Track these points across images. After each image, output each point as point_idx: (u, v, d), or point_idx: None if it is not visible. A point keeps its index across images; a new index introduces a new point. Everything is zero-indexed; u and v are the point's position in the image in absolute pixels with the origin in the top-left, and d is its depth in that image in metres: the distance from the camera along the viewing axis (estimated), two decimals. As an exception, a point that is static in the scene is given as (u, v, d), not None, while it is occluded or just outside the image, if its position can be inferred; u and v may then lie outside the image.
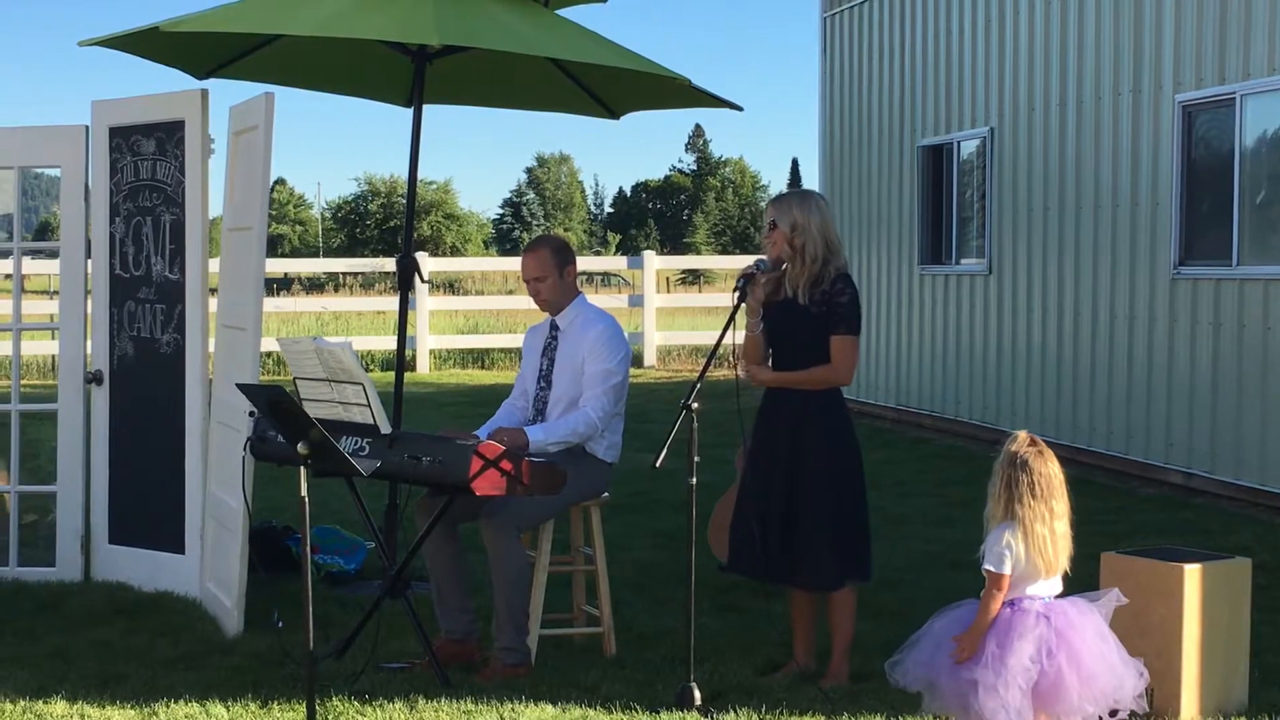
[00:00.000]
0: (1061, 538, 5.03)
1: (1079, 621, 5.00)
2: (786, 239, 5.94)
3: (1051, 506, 5.00)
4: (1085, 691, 4.93)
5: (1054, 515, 5.01)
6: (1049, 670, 4.92)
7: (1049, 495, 5.00)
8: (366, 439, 5.95)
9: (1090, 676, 4.94)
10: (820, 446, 5.93)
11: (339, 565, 7.78)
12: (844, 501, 5.94)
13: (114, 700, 5.72)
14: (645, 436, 12.17)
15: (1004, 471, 5.03)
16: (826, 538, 5.89)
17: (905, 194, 14.72)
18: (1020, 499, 4.98)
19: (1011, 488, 5.00)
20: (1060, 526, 5.03)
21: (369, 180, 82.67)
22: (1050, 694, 4.93)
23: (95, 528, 7.77)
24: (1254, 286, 9.92)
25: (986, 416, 13.14)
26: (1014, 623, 4.98)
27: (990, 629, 4.99)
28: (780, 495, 5.94)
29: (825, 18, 16.52)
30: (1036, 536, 4.97)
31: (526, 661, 6.08)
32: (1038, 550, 4.97)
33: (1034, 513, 4.97)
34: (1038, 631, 4.96)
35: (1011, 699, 4.89)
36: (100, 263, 7.71)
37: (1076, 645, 4.95)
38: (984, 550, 5.03)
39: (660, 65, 7.13)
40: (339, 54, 7.86)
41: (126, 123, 7.61)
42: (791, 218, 5.95)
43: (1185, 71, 10.57)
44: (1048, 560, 4.98)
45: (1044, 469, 5.01)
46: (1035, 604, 5.01)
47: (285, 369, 11.43)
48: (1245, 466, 9.99)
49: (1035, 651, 4.93)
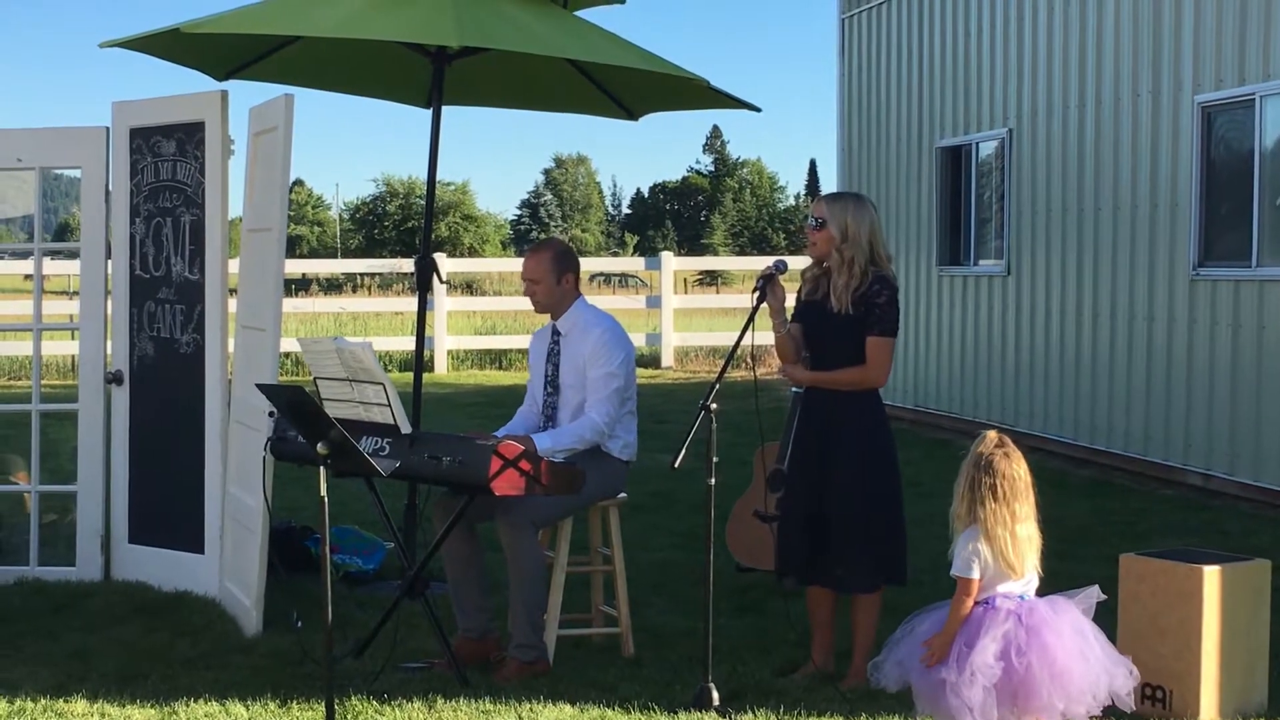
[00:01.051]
0: (1024, 540, 5.00)
1: (1053, 619, 4.98)
2: (835, 244, 5.91)
3: (1014, 510, 4.97)
4: (1057, 689, 4.90)
5: (1015, 518, 4.98)
6: (1018, 667, 4.90)
7: (1011, 498, 4.97)
8: (386, 439, 5.96)
9: (1062, 674, 4.90)
10: (854, 447, 5.93)
11: (358, 565, 7.79)
12: (876, 504, 5.93)
13: (134, 699, 5.74)
14: (664, 437, 12.18)
15: (968, 473, 5.03)
16: (860, 539, 5.89)
17: (924, 195, 14.70)
18: (982, 501, 4.96)
19: (974, 489, 4.99)
20: (1023, 530, 4.99)
21: (387, 181, 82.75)
22: (1021, 692, 4.92)
23: (115, 527, 7.79)
24: (1273, 287, 9.89)
25: (1005, 417, 13.12)
26: (983, 621, 4.99)
27: (962, 628, 5.00)
28: (815, 495, 5.94)
29: (843, 19, 16.51)
30: (997, 539, 4.95)
31: (543, 659, 6.09)
32: (999, 553, 4.97)
33: (995, 516, 4.96)
34: (1004, 629, 4.96)
35: (974, 697, 4.88)
36: (120, 263, 7.73)
37: (1050, 643, 4.93)
38: (951, 555, 5.03)
39: (678, 66, 7.14)
40: (358, 55, 7.87)
41: (147, 124, 7.64)
42: (843, 223, 5.89)
43: (1204, 72, 10.54)
44: (1009, 562, 4.98)
45: (1008, 471, 4.98)
46: (1009, 603, 5.01)
47: (304, 369, 11.45)
48: (1265, 468, 9.95)
49: (1000, 649, 4.93)
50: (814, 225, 5.96)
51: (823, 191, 6.37)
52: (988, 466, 4.99)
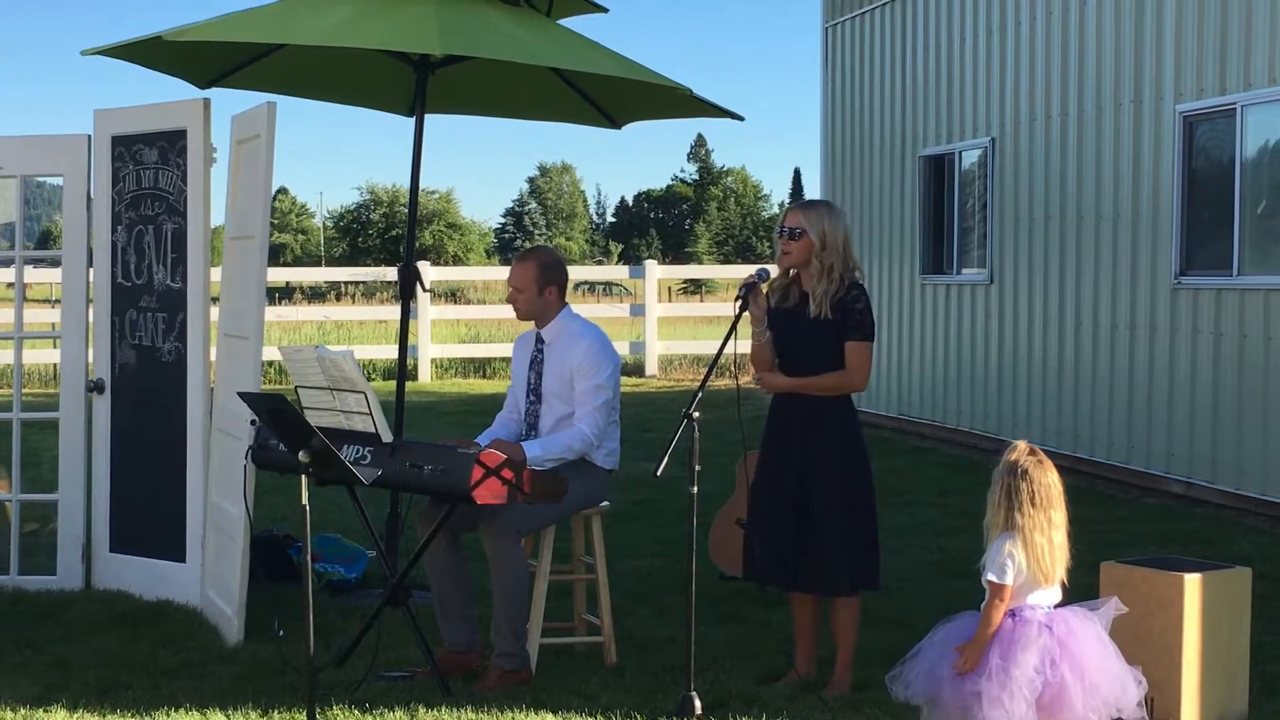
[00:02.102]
0: (1059, 548, 5.05)
1: (1080, 630, 5.01)
2: (814, 252, 5.94)
3: (1050, 516, 5.02)
4: (1089, 700, 4.94)
5: (1052, 525, 5.03)
6: (1053, 680, 4.92)
7: (1048, 504, 5.02)
8: (368, 447, 5.95)
9: (1093, 685, 4.95)
10: (832, 452, 5.95)
11: (340, 574, 7.77)
12: (855, 507, 5.96)
13: (115, 709, 5.72)
14: (647, 445, 12.18)
15: (1004, 480, 5.05)
16: (839, 543, 5.91)
17: (907, 204, 14.73)
18: (1020, 508, 5.00)
19: (1011, 496, 5.02)
20: (1058, 536, 5.05)
21: (371, 189, 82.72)
22: (1055, 704, 4.94)
23: (96, 536, 7.77)
24: (1255, 296, 9.92)
25: (988, 426, 13.14)
26: (1016, 633, 4.99)
27: (993, 640, 4.99)
28: (792, 500, 5.95)
29: (827, 28, 16.54)
30: (1035, 546, 4.99)
31: (525, 667, 6.08)
32: (1035, 559, 4.99)
33: (1033, 522, 4.99)
34: (1040, 641, 4.97)
35: (1017, 710, 4.89)
36: (102, 271, 7.72)
37: (1079, 654, 4.96)
38: (985, 561, 5.04)
39: (662, 75, 7.14)
40: (341, 63, 7.87)
41: (129, 132, 7.62)
42: (821, 230, 5.94)
43: (1186, 82, 10.58)
44: (1044, 570, 5.00)
45: (1043, 478, 5.04)
46: (1037, 614, 5.02)
47: (286, 378, 11.44)
48: (1246, 476, 9.98)
49: (1039, 662, 4.94)
50: (790, 235, 5.98)
51: (805, 199, 6.36)
52: (1024, 473, 5.02)
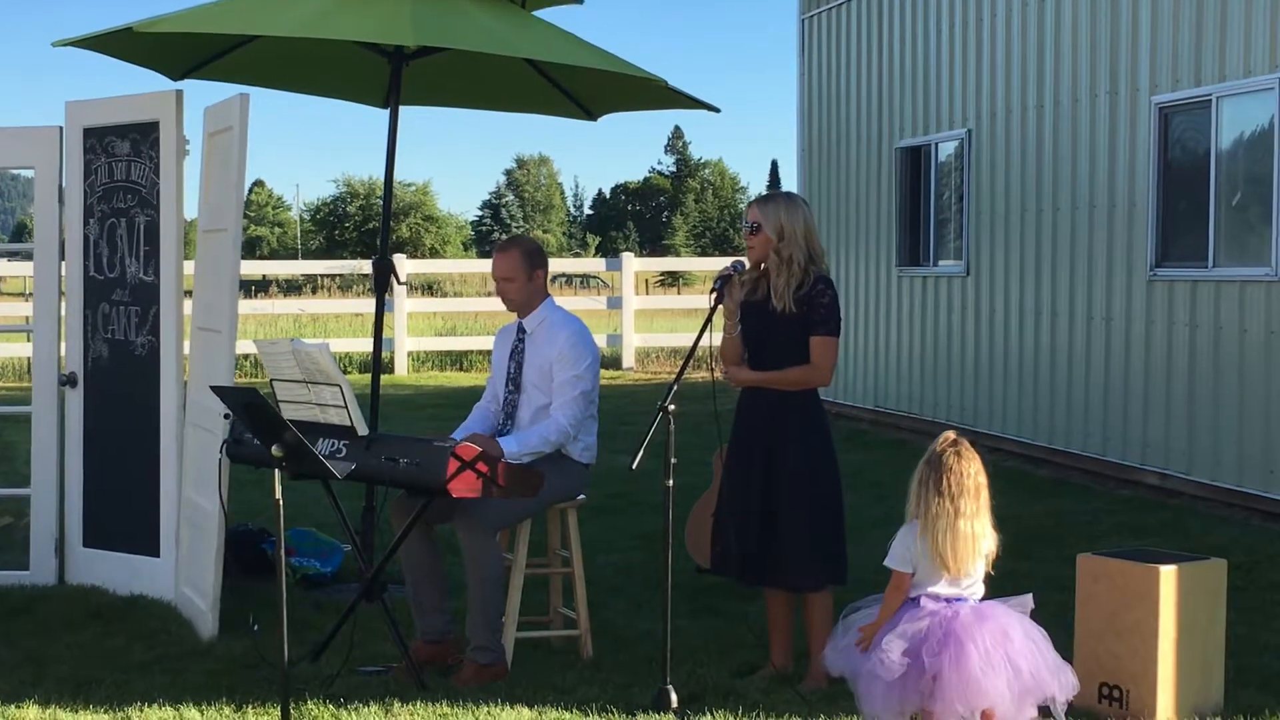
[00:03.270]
0: (966, 538, 5.04)
1: (973, 624, 5.04)
2: (772, 246, 5.93)
3: (959, 506, 5.02)
4: (962, 693, 4.98)
5: (959, 514, 5.02)
6: (930, 667, 4.98)
7: (958, 494, 5.02)
8: (343, 441, 5.93)
9: (970, 679, 4.97)
10: (797, 447, 5.94)
11: (315, 568, 7.75)
12: (821, 503, 5.95)
13: (88, 704, 5.69)
14: (623, 438, 12.16)
15: (920, 469, 5.13)
16: (805, 538, 5.90)
17: (883, 195, 14.73)
18: (927, 496, 5.04)
19: (923, 484, 5.08)
20: (966, 526, 5.03)
21: (348, 182, 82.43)
22: (934, 691, 5.01)
23: (70, 531, 7.73)
24: (1230, 288, 9.94)
25: (964, 418, 13.16)
26: (901, 619, 5.12)
27: (889, 622, 5.15)
28: (758, 495, 5.94)
29: (803, 19, 16.52)
30: (936, 533, 5.01)
31: (500, 661, 6.06)
32: (938, 551, 5.01)
33: (939, 510, 5.02)
34: (918, 627, 5.05)
35: (874, 690, 5.06)
36: (74, 264, 7.67)
37: (966, 646, 4.98)
38: (889, 547, 5.16)
39: (637, 66, 7.12)
40: (315, 55, 7.83)
41: (101, 123, 7.58)
42: (778, 223, 5.93)
43: (1161, 73, 10.60)
44: (946, 561, 5.02)
45: (957, 467, 5.05)
46: (935, 603, 5.09)
47: (262, 371, 11.37)
48: (1221, 467, 10.01)
49: (911, 647, 5.02)
50: (750, 230, 5.98)
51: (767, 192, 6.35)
52: (936, 462, 5.09)
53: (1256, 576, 7.82)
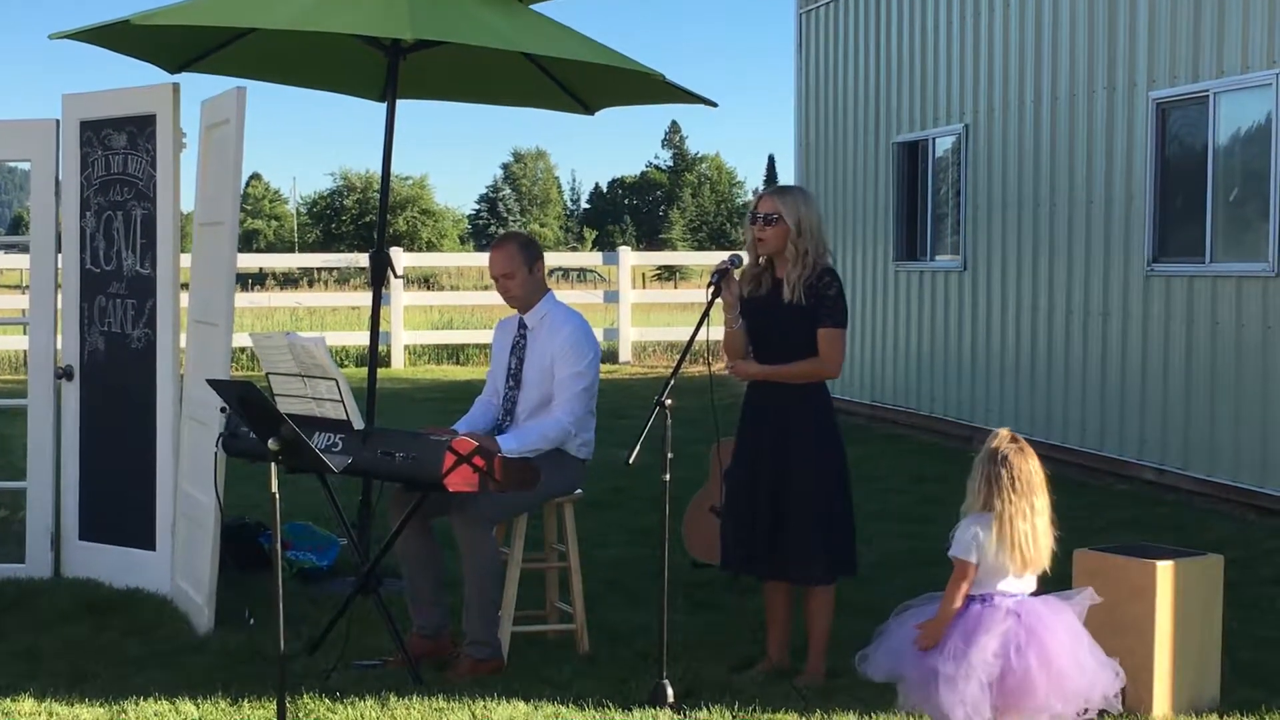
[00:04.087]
0: (1043, 534, 5.04)
1: (1051, 619, 4.99)
2: (790, 237, 5.90)
3: (1032, 502, 5.01)
4: (1054, 690, 4.92)
5: (1035, 511, 5.02)
6: (1017, 667, 4.91)
7: (1029, 491, 5.01)
8: (339, 435, 5.92)
9: (1060, 675, 4.93)
10: (808, 440, 5.92)
11: (311, 562, 7.74)
12: (831, 495, 5.94)
13: (83, 698, 5.69)
14: (620, 432, 12.11)
15: (984, 468, 5.04)
16: (817, 531, 5.89)
17: (881, 190, 14.73)
18: (1001, 493, 4.98)
19: (992, 483, 5.01)
20: (1040, 523, 5.03)
21: (344, 175, 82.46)
22: (1018, 691, 4.92)
23: (65, 524, 7.72)
24: (1227, 283, 9.94)
25: (961, 413, 13.16)
26: (983, 617, 4.98)
27: (959, 622, 4.99)
28: (768, 490, 5.93)
29: (801, 14, 16.51)
30: (1017, 532, 4.97)
31: (497, 656, 6.06)
32: (1017, 546, 4.97)
33: (1015, 508, 4.98)
34: (1005, 626, 4.95)
35: (969, 693, 4.88)
36: (71, 257, 7.66)
37: (1048, 643, 4.95)
38: (952, 538, 5.04)
39: (635, 60, 7.11)
40: (313, 48, 7.81)
41: (97, 116, 7.56)
42: (798, 215, 5.90)
43: (1159, 68, 10.59)
44: (1028, 556, 4.98)
45: (1024, 465, 5.03)
46: (1007, 600, 5.01)
47: (258, 365, 11.36)
48: (1218, 463, 10.01)
49: (1000, 646, 4.92)
50: (765, 221, 5.94)
51: (778, 184, 6.29)
52: (1005, 460, 5.00)
53: (1252, 572, 7.83)
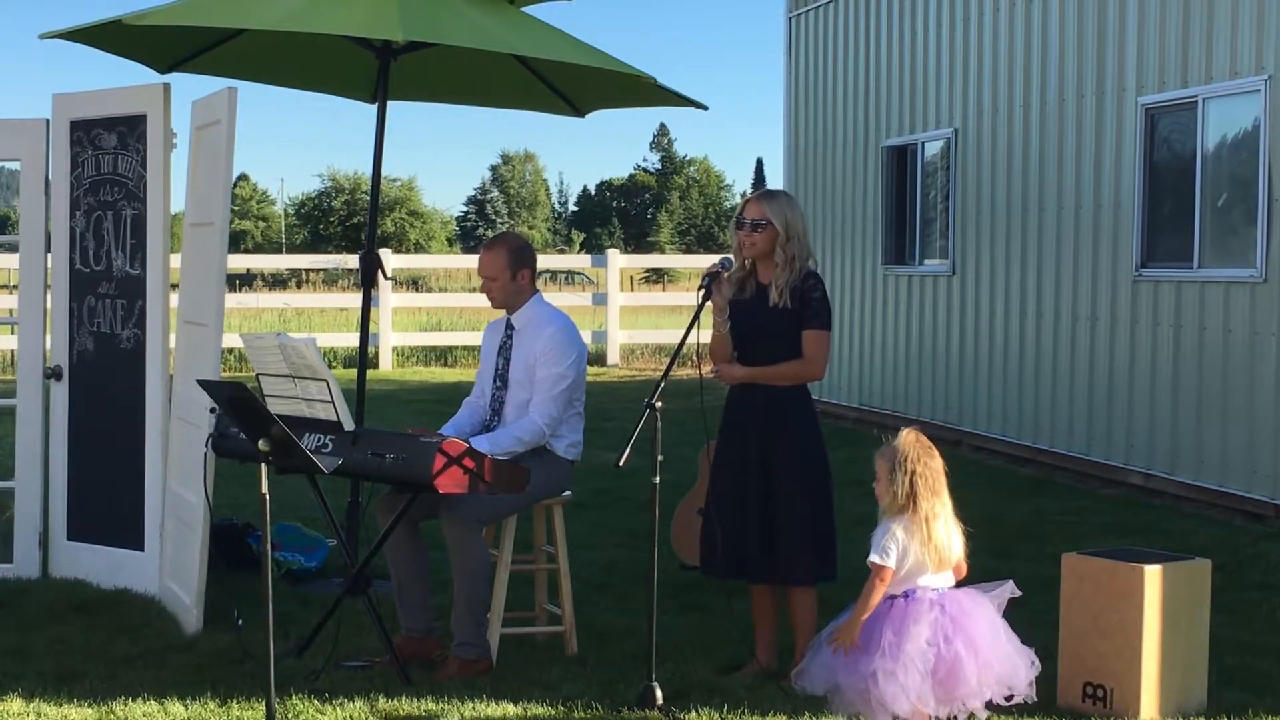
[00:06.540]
0: (954, 529, 5.22)
1: (973, 610, 5.19)
2: (779, 241, 5.93)
3: (944, 499, 5.20)
4: (984, 676, 5.11)
5: (945, 507, 5.22)
6: (946, 655, 5.09)
7: (940, 489, 5.17)
8: (329, 436, 5.92)
9: (987, 662, 5.12)
10: (792, 442, 5.96)
11: (300, 563, 7.74)
12: (815, 498, 5.98)
13: (71, 698, 5.68)
14: (609, 435, 12.16)
15: (897, 469, 5.18)
16: (800, 532, 5.93)
17: (869, 194, 14.75)
18: (917, 495, 5.13)
19: (912, 484, 5.17)
20: (952, 518, 5.23)
21: (333, 176, 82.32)
22: (950, 678, 5.11)
23: (54, 524, 7.71)
24: (1215, 289, 9.97)
25: (949, 417, 13.18)
26: (909, 610, 5.17)
27: (886, 620, 5.16)
28: (754, 492, 5.95)
29: (790, 18, 16.54)
30: (934, 531, 5.13)
31: (485, 657, 6.06)
32: (934, 544, 5.13)
33: (929, 505, 5.14)
34: (932, 617, 5.15)
35: (911, 682, 5.05)
36: (60, 257, 7.65)
37: (972, 632, 5.15)
38: (870, 543, 5.18)
39: (625, 63, 7.12)
40: (303, 49, 7.82)
41: (88, 116, 7.56)
42: (785, 220, 5.94)
43: (1148, 74, 10.62)
44: (942, 554, 5.14)
45: (934, 463, 5.20)
46: (929, 593, 5.18)
47: (247, 365, 11.35)
48: (1205, 468, 10.04)
49: (931, 635, 5.11)
50: (753, 226, 5.96)
51: (765, 189, 6.28)
52: (917, 460, 5.15)
53: (1239, 576, 7.85)
